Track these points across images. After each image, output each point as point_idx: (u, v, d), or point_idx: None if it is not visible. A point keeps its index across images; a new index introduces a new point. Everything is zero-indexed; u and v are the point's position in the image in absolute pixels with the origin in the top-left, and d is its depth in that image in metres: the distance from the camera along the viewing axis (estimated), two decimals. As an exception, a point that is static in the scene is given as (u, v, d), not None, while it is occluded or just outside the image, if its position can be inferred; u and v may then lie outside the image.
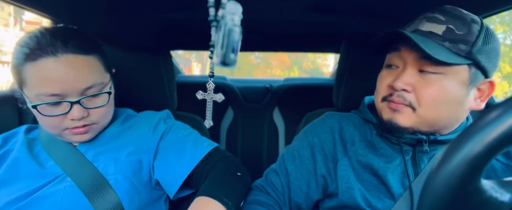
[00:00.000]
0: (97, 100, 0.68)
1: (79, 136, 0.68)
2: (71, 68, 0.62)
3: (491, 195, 0.31)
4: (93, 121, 0.69)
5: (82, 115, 0.65)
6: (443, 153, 0.31)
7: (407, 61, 0.63)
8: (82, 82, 0.64)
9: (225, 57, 0.28)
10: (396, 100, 0.63)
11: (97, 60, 0.69)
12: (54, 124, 0.65)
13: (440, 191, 0.30)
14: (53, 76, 0.61)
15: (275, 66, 24.24)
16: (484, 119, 0.29)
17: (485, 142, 0.28)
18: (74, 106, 0.64)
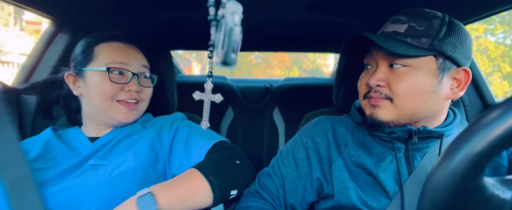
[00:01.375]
0: (147, 82, 0.82)
1: (128, 111, 0.77)
2: (134, 50, 0.81)
3: (493, 192, 0.31)
4: (142, 98, 0.80)
5: (136, 88, 0.77)
6: (446, 150, 0.31)
7: (377, 60, 0.68)
8: (141, 60, 0.81)
9: (225, 57, 0.28)
10: (374, 96, 0.68)
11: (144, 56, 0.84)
12: (113, 91, 0.75)
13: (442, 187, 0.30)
14: (122, 51, 0.78)
15: (275, 66, 24.26)
16: (487, 116, 0.29)
17: (488, 140, 0.28)
18: (133, 77, 0.77)
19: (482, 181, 0.31)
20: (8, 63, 11.12)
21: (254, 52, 2.76)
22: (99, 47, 0.78)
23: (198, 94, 0.61)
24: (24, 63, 1.14)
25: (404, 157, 0.69)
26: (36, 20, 14.43)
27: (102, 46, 0.78)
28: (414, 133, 0.67)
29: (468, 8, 0.89)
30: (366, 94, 0.70)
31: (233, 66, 0.29)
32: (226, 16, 0.29)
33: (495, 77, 15.01)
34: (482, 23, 14.69)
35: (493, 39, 16.12)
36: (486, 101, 1.16)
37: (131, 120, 0.79)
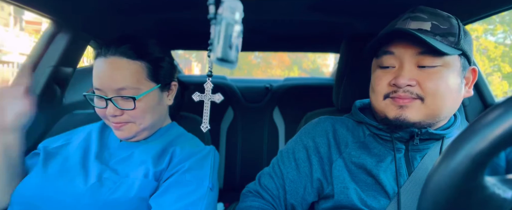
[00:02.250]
0: (129, 103, 0.73)
1: (117, 131, 0.75)
2: (111, 68, 0.72)
3: (493, 191, 0.31)
4: (128, 120, 0.74)
5: (113, 113, 0.72)
6: (446, 149, 0.31)
7: (403, 59, 0.65)
8: (115, 82, 0.71)
9: (222, 52, 0.28)
10: (403, 96, 0.64)
11: (140, 67, 0.74)
12: (101, 114, 0.76)
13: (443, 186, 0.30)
14: (98, 73, 0.73)
15: (275, 66, 24.26)
16: (488, 116, 0.29)
17: (489, 139, 0.28)
18: (108, 103, 0.72)
19: (482, 180, 0.31)
20: (8, 63, 11.12)
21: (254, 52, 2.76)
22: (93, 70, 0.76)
23: (198, 96, 0.61)
24: (24, 63, 1.14)
25: (404, 157, 0.69)
26: (36, 20, 14.43)
27: (94, 65, 0.75)
28: (416, 135, 0.67)
29: (468, 8, 0.89)
30: (388, 95, 0.67)
31: (234, 66, 0.29)
32: (224, 13, 0.28)
33: (495, 77, 15.01)
34: (482, 23, 14.68)
35: (493, 39, 16.12)
36: (486, 102, 1.16)
37: (126, 136, 0.76)
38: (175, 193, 0.68)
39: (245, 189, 0.81)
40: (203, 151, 0.77)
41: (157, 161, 0.75)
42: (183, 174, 0.71)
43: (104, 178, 0.71)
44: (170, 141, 0.81)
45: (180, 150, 0.76)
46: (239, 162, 1.81)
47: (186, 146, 0.78)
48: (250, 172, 1.90)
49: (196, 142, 0.84)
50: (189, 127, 0.94)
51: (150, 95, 0.76)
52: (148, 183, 0.71)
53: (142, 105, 0.74)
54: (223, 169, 1.80)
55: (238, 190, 1.99)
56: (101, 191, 0.69)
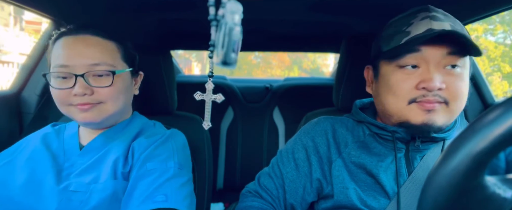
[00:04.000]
0: (103, 80, 0.68)
1: (83, 113, 0.68)
2: (84, 44, 0.68)
3: (494, 191, 0.31)
4: (99, 100, 0.69)
5: (84, 91, 0.66)
6: (447, 149, 0.31)
7: (429, 59, 0.61)
8: (89, 57, 0.67)
9: (226, 57, 0.28)
10: (432, 100, 0.60)
11: (114, 46, 0.72)
12: (62, 97, 0.68)
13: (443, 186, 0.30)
14: (66, 49, 0.68)
15: (275, 66, 24.26)
16: (489, 115, 0.29)
17: (490, 138, 0.28)
18: (78, 80, 0.66)
19: (483, 180, 0.31)
20: (8, 63, 11.13)
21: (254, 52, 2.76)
22: (51, 49, 0.71)
23: (200, 95, 0.61)
24: (24, 63, 1.14)
25: (404, 157, 0.69)
26: (36, 20, 14.43)
27: (54, 46, 0.70)
28: (417, 137, 0.67)
29: (468, 8, 0.89)
30: (414, 99, 0.62)
31: (234, 66, 0.29)
32: (226, 16, 0.29)
33: (495, 77, 15.00)
34: (482, 23, 14.68)
35: (493, 39, 16.12)
36: (486, 102, 1.16)
37: (92, 120, 0.69)
38: (141, 186, 0.64)
39: (245, 189, 0.81)
40: (161, 137, 0.74)
41: (124, 160, 0.71)
42: (143, 165, 0.68)
43: (71, 191, 0.66)
44: (136, 133, 0.77)
45: (138, 143, 0.73)
46: (239, 162, 1.81)
47: (144, 138, 0.74)
48: (250, 172, 1.90)
49: (156, 130, 0.80)
50: (187, 126, 0.94)
51: (124, 76, 0.73)
52: (119, 183, 0.67)
53: (118, 83, 0.70)
54: (223, 169, 1.80)
55: (238, 190, 1.99)
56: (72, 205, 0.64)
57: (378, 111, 0.74)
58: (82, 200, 0.64)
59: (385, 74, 0.67)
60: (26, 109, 1.11)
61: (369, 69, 0.75)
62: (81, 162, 0.71)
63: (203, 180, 0.92)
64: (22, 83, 1.11)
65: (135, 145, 0.72)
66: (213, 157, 1.12)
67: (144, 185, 0.64)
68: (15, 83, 1.11)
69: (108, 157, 0.70)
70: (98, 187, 0.66)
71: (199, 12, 1.04)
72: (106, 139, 0.74)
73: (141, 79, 0.82)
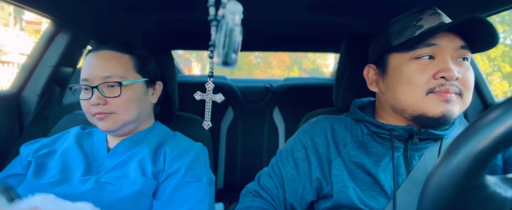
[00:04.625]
0: (113, 92, 0.75)
1: (101, 121, 0.75)
2: (101, 59, 0.77)
3: (494, 190, 0.31)
4: (112, 110, 0.75)
5: (97, 101, 0.73)
6: (447, 148, 0.31)
7: (445, 51, 0.62)
8: (102, 70, 0.75)
9: (226, 57, 0.28)
10: (451, 90, 0.60)
11: (128, 59, 0.79)
12: (85, 108, 0.77)
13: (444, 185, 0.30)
14: (87, 65, 0.77)
15: (275, 66, 24.26)
16: (490, 115, 0.29)
17: (491, 138, 0.28)
18: (93, 91, 0.74)
19: (483, 179, 0.31)
20: (8, 63, 11.13)
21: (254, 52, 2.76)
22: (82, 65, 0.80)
23: (200, 95, 0.61)
24: (24, 63, 1.14)
25: (402, 156, 0.69)
26: (36, 20, 14.43)
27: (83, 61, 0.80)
28: (415, 134, 0.67)
29: (468, 8, 0.89)
30: (433, 89, 0.61)
31: (234, 67, 0.29)
32: (226, 16, 0.29)
33: (495, 77, 15.01)
34: (482, 23, 14.61)
35: (493, 39, 16.10)
36: (486, 102, 1.16)
37: (109, 128, 0.76)
38: (180, 197, 0.72)
39: (245, 189, 0.81)
40: (194, 149, 0.80)
41: (153, 160, 0.76)
42: (183, 177, 0.74)
43: (102, 182, 0.72)
44: (160, 140, 0.82)
45: (170, 149, 0.78)
46: (239, 162, 1.81)
47: (176, 146, 0.80)
48: (250, 172, 1.90)
49: (184, 139, 0.86)
50: (188, 126, 0.94)
51: (136, 86, 0.79)
52: (148, 181, 0.72)
53: (127, 94, 0.76)
54: (223, 169, 1.80)
55: (238, 190, 1.98)
56: (103, 194, 0.70)
57: (386, 107, 0.73)
58: (112, 190, 0.70)
59: (397, 66, 0.66)
60: (26, 109, 1.11)
61: (371, 68, 0.75)
62: (108, 162, 0.77)
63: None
64: (22, 83, 1.11)
65: (167, 150, 0.78)
66: (213, 157, 1.12)
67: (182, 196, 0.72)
68: (15, 83, 1.11)
69: (134, 158, 0.76)
70: (128, 181, 0.71)
71: (199, 12, 1.04)
72: (131, 143, 0.80)
73: (161, 88, 0.87)
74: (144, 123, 0.85)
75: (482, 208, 0.32)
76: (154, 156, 0.78)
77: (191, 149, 0.80)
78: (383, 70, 0.71)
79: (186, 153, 0.78)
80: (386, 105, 0.72)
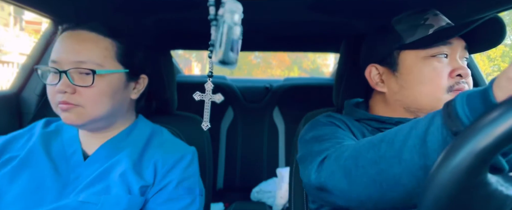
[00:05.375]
0: (86, 80, 0.63)
1: (65, 113, 0.63)
2: (76, 40, 0.64)
3: (496, 188, 0.31)
4: (79, 102, 0.63)
5: (64, 89, 0.61)
6: (450, 145, 0.31)
7: (456, 50, 0.65)
8: (75, 54, 0.63)
9: (224, 56, 0.28)
10: (465, 87, 0.63)
11: (110, 44, 0.67)
12: (50, 94, 0.65)
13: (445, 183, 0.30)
14: (59, 45, 0.65)
15: (275, 66, 24.25)
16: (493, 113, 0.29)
17: (494, 135, 0.28)
18: (61, 76, 0.62)
19: (485, 177, 0.31)
20: (8, 63, 11.13)
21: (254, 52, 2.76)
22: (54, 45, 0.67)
23: (199, 95, 0.60)
24: (24, 63, 1.14)
25: None
26: (36, 20, 14.43)
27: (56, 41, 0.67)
28: None
29: (468, 8, 0.89)
30: (452, 87, 0.63)
31: (234, 66, 0.29)
32: (226, 16, 0.29)
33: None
34: (482, 23, 14.65)
35: (493, 39, 16.12)
36: (486, 101, 1.15)
37: (74, 122, 0.64)
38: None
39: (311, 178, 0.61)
40: (187, 156, 0.71)
41: (139, 172, 0.67)
42: (175, 189, 0.67)
43: (80, 202, 0.61)
44: (145, 141, 0.72)
45: (163, 160, 0.69)
46: (239, 162, 1.81)
47: (169, 154, 0.70)
48: (250, 172, 1.91)
49: (176, 143, 0.75)
50: (188, 126, 0.94)
51: (113, 77, 0.66)
52: (134, 199, 0.64)
53: (101, 85, 0.64)
54: (223, 169, 1.80)
55: (238, 190, 1.99)
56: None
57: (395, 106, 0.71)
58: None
59: (413, 65, 0.66)
60: (26, 109, 1.11)
61: (374, 67, 0.73)
62: (87, 173, 0.66)
63: (203, 180, 0.92)
64: (22, 83, 1.11)
65: (159, 161, 0.68)
66: (213, 157, 1.12)
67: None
68: (15, 83, 1.11)
69: (115, 168, 0.66)
70: (111, 200, 0.62)
71: (199, 12, 1.04)
72: (112, 148, 0.69)
73: (145, 84, 0.75)
74: (121, 121, 0.73)
75: (483, 206, 0.32)
76: (140, 165, 0.68)
77: (185, 156, 0.71)
78: (394, 68, 0.69)
79: (180, 162, 0.70)
80: (396, 104, 0.70)
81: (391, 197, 0.43)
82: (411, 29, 0.67)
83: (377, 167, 0.44)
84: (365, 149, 0.47)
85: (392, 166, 0.42)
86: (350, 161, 0.48)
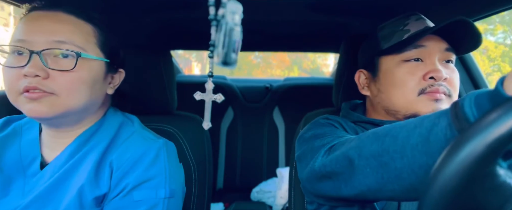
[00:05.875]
0: (63, 63, 0.54)
1: (31, 103, 0.52)
2: (51, 20, 0.55)
3: (504, 180, 0.31)
4: (53, 90, 0.53)
5: (35, 72, 0.51)
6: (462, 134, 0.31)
7: (432, 53, 0.65)
8: (53, 33, 0.54)
9: (226, 57, 0.28)
10: (441, 90, 0.63)
11: (92, 30, 0.59)
12: (10, 81, 0.53)
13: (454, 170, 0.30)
14: (28, 24, 0.55)
15: (275, 66, 24.24)
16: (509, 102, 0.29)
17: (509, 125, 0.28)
18: (32, 57, 0.52)
19: (495, 168, 0.30)
20: (8, 63, 11.11)
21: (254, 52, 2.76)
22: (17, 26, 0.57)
23: (199, 95, 0.60)
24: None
25: None
26: (36, 20, 14.40)
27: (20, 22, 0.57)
28: None
29: (468, 8, 0.89)
30: (424, 90, 0.64)
31: (234, 66, 0.29)
32: (226, 16, 0.29)
33: (495, 77, 14.99)
34: (482, 23, 14.68)
35: (493, 39, 16.13)
36: (486, 101, 1.15)
37: (41, 114, 0.53)
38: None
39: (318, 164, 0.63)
40: (149, 153, 0.60)
41: (94, 180, 0.57)
42: (129, 194, 0.56)
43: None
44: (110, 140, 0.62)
45: (118, 161, 0.58)
46: (239, 162, 1.81)
47: (126, 153, 0.59)
48: (250, 172, 1.91)
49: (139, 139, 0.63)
50: (187, 126, 0.94)
51: (94, 65, 0.58)
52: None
53: (82, 72, 0.55)
54: (223, 169, 1.80)
55: (238, 190, 1.99)
56: None
57: (378, 109, 0.74)
58: None
59: (388, 69, 0.69)
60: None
61: (361, 72, 0.78)
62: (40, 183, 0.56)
63: (203, 180, 0.92)
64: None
65: (114, 161, 0.58)
66: (213, 157, 1.12)
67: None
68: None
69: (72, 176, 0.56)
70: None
71: (199, 12, 1.04)
72: (74, 151, 0.59)
73: (121, 78, 0.67)
74: (91, 117, 0.63)
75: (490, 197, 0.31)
76: (99, 168, 0.57)
77: (146, 153, 0.59)
78: (375, 73, 0.73)
79: (139, 162, 0.58)
80: (379, 106, 0.73)
81: (390, 189, 0.44)
82: (389, 35, 0.70)
83: (379, 159, 0.45)
84: (370, 141, 0.48)
85: (394, 160, 0.43)
86: (354, 151, 0.49)
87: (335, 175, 0.53)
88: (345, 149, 0.52)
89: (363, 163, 0.47)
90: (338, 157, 0.52)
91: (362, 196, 0.50)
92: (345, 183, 0.51)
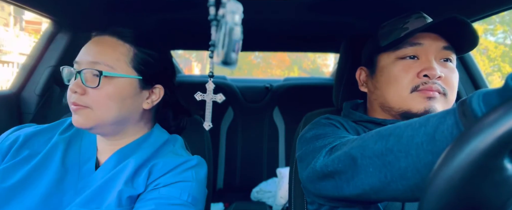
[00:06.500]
0: (95, 81, 0.62)
1: (74, 114, 0.63)
2: (96, 43, 0.66)
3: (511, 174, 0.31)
4: (87, 103, 0.62)
5: (75, 88, 0.61)
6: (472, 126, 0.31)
7: (429, 51, 0.65)
8: (91, 55, 0.64)
9: (226, 57, 0.28)
10: (434, 88, 0.63)
11: (127, 50, 0.66)
12: (68, 94, 0.64)
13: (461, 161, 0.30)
14: (83, 47, 0.66)
15: (275, 66, 24.25)
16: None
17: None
18: (76, 76, 0.63)
19: (503, 162, 0.30)
20: (8, 63, 11.13)
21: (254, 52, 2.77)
22: None
23: (200, 95, 0.60)
24: (24, 63, 1.14)
25: None
26: (36, 20, 14.43)
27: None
28: None
29: (469, 8, 0.89)
30: (417, 87, 0.64)
31: (234, 66, 0.29)
32: (226, 16, 0.29)
33: (495, 77, 15.00)
34: (482, 23, 14.70)
35: (493, 39, 16.13)
36: (486, 101, 1.15)
37: (81, 124, 0.62)
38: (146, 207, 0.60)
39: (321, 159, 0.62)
40: (187, 163, 0.67)
41: (131, 180, 0.63)
42: (157, 189, 0.62)
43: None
44: (153, 152, 0.69)
45: (162, 164, 0.65)
46: (239, 162, 1.81)
47: (168, 159, 0.66)
48: (250, 172, 1.91)
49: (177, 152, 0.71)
50: (188, 126, 0.93)
51: (122, 82, 0.64)
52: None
53: (109, 88, 0.62)
54: (223, 169, 1.80)
55: (238, 190, 1.99)
56: None
57: (375, 106, 0.74)
58: None
59: (385, 66, 0.70)
60: (26, 109, 1.11)
61: (362, 70, 0.79)
62: (93, 182, 0.64)
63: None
64: (22, 83, 1.11)
65: (157, 164, 0.65)
66: (213, 157, 1.12)
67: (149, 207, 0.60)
68: (15, 83, 1.11)
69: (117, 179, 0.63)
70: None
71: (199, 12, 1.04)
72: (121, 157, 0.67)
73: (161, 95, 0.71)
74: (135, 129, 0.70)
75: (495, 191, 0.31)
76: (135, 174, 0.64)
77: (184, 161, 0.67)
78: (373, 70, 0.74)
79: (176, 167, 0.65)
80: (375, 103, 0.74)
81: (394, 188, 0.44)
82: (388, 33, 0.70)
83: (383, 159, 0.44)
84: (373, 140, 0.47)
85: (399, 159, 0.42)
86: (357, 150, 0.49)
87: (337, 174, 0.52)
88: (347, 148, 0.51)
89: (366, 162, 0.47)
90: (340, 156, 0.52)
91: (364, 196, 0.49)
92: (347, 182, 0.50)
